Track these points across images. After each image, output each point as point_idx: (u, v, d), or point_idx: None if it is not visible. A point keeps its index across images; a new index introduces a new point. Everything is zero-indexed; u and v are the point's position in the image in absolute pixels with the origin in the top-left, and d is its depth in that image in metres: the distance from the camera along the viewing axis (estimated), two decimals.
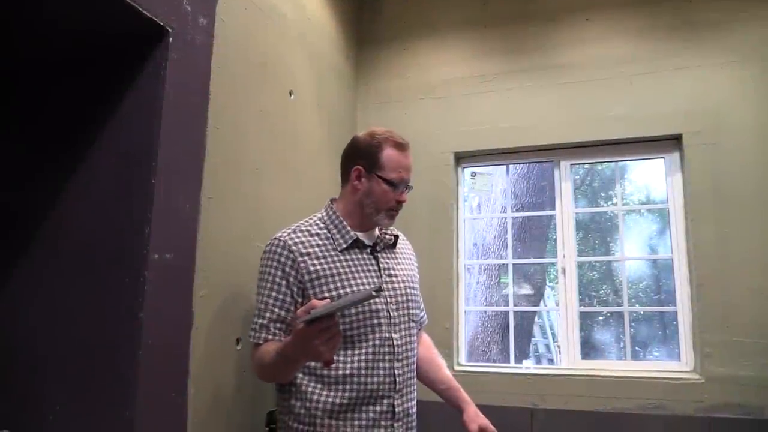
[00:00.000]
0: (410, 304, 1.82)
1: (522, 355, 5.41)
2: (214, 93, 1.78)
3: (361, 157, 1.78)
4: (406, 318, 1.79)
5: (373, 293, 1.31)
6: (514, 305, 4.52)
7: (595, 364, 2.73)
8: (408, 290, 1.83)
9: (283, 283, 1.67)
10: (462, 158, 3.02)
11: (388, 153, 1.76)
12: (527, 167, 5.22)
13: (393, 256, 1.87)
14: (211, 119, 1.76)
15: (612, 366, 2.69)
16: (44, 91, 1.71)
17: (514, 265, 3.18)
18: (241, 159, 1.98)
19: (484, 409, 1.80)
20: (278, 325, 1.65)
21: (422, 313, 2.02)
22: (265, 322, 1.66)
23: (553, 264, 2.64)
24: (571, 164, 2.90)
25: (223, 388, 1.82)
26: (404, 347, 1.75)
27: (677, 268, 2.63)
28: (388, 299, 1.75)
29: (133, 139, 1.55)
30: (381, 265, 1.79)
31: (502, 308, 5.39)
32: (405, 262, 1.91)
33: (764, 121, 2.52)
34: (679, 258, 2.63)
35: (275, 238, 1.72)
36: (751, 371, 2.36)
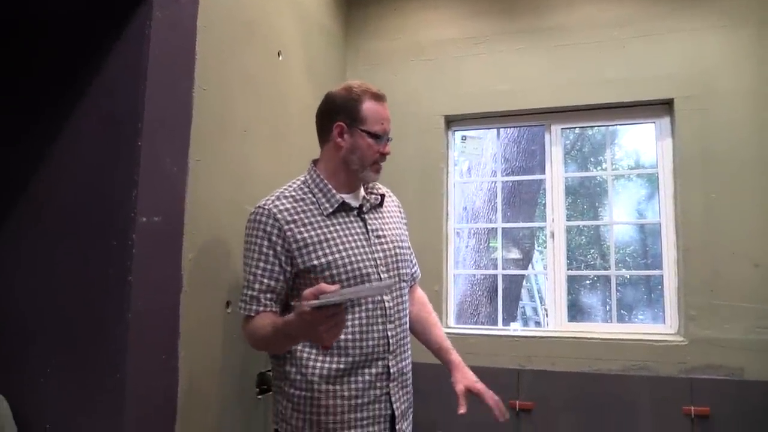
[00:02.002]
0: (400, 264, 1.80)
1: (510, 317, 5.48)
2: (200, 53, 1.74)
3: (340, 113, 1.74)
4: (397, 279, 1.77)
5: (385, 290, 1.28)
6: (503, 269, 4.56)
7: (581, 327, 2.77)
8: (397, 250, 1.80)
9: (270, 252, 1.64)
10: (452, 122, 3.00)
11: (368, 105, 1.72)
12: (518, 131, 5.19)
13: (380, 215, 1.84)
14: (197, 80, 1.73)
15: (598, 328, 2.73)
16: (26, 51, 1.66)
17: (503, 229, 3.19)
18: (229, 121, 1.95)
19: (472, 370, 1.82)
20: (269, 295, 1.64)
21: (414, 269, 2.00)
22: (254, 293, 1.64)
23: (542, 228, 2.66)
24: (562, 128, 2.89)
25: (214, 351, 1.84)
26: (396, 308, 1.75)
27: (664, 233, 2.65)
28: (378, 262, 1.73)
29: (118, 100, 1.52)
30: (369, 227, 1.77)
31: (491, 272, 5.43)
32: (393, 220, 1.88)
33: (756, 86, 2.51)
34: (666, 223, 2.65)
35: (259, 207, 1.68)
36: (733, 334, 2.41)
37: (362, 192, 1.82)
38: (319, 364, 1.65)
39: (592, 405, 2.49)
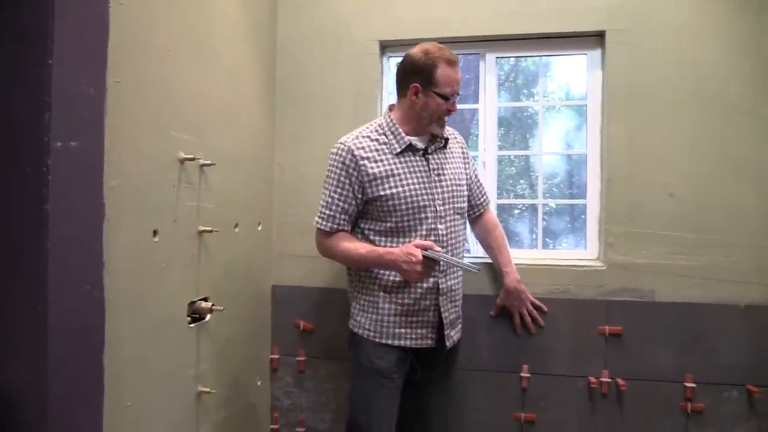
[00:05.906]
0: (456, 199, 2.18)
1: None
2: None
3: (417, 75, 2.06)
4: (452, 211, 2.16)
5: (475, 270, 1.99)
6: None
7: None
8: (454, 187, 2.17)
9: (347, 182, 2.06)
10: (387, 47, 2.92)
11: (442, 70, 2.03)
12: None
13: (443, 156, 2.19)
14: None
15: (524, 255, 2.84)
16: None
17: None
18: (150, 40, 1.83)
19: None
20: (343, 216, 2.10)
21: (481, 198, 2.45)
22: (331, 213, 2.10)
23: (474, 158, 2.69)
24: (497, 57, 2.88)
25: (142, 281, 1.79)
26: (449, 236, 2.14)
27: (590, 164, 2.74)
28: (435, 196, 2.11)
29: (25, 15, 1.38)
30: (431, 166, 2.13)
31: None
32: (454, 160, 2.23)
33: (690, 21, 2.56)
34: (592, 154, 2.73)
35: (341, 143, 2.10)
36: (646, 259, 2.56)
37: (428, 136, 2.16)
38: (381, 276, 2.10)
39: (514, 327, 2.62)
